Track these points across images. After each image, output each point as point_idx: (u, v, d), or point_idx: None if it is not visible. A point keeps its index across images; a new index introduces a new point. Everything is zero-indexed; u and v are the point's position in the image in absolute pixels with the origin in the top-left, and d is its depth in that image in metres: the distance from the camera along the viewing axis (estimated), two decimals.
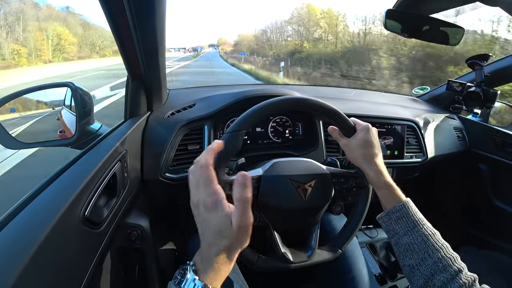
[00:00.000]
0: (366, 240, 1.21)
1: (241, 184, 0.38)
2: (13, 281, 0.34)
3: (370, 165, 0.57)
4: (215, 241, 0.38)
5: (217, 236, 0.38)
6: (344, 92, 1.49)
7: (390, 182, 0.56)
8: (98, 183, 0.56)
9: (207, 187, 0.39)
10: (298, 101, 0.58)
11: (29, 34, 39.83)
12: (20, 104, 0.83)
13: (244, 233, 0.38)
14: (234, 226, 0.37)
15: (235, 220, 0.37)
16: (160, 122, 0.90)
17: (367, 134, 0.58)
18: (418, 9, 0.72)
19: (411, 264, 0.49)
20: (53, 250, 0.42)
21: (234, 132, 0.51)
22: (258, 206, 0.57)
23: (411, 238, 0.50)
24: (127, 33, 0.65)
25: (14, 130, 0.81)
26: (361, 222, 0.63)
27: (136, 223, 0.76)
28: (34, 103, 0.91)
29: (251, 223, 0.38)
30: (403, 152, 1.14)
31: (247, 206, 0.38)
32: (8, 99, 0.74)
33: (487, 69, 1.16)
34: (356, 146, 0.58)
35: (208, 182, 0.39)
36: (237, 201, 0.38)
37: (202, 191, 0.39)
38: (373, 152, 0.57)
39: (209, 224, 0.38)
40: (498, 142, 1.22)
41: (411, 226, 0.51)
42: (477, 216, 1.38)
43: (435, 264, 0.46)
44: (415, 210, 0.53)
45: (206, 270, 0.37)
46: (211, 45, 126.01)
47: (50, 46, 42.06)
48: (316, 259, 0.60)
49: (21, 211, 0.44)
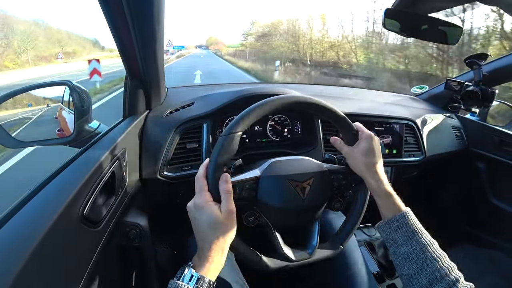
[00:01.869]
0: (364, 239, 1.22)
1: (224, 181, 0.50)
2: (12, 280, 0.34)
3: (371, 173, 0.57)
4: (207, 236, 0.47)
5: (209, 229, 0.47)
6: (343, 91, 1.50)
7: (390, 191, 0.56)
8: (97, 182, 0.56)
9: (199, 194, 0.49)
10: (300, 101, 0.57)
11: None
12: (16, 103, 0.82)
13: (231, 218, 0.48)
14: (222, 212, 0.47)
15: (223, 208, 0.48)
16: (159, 120, 0.90)
17: (370, 144, 0.58)
18: (417, 8, 0.72)
19: (409, 273, 0.49)
20: (52, 249, 0.42)
21: (229, 135, 0.51)
22: (257, 207, 0.57)
23: (410, 247, 0.50)
24: (125, 32, 0.65)
25: (13, 129, 0.80)
26: (361, 217, 0.64)
27: (135, 222, 0.76)
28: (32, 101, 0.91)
29: (234, 210, 0.49)
30: (401, 151, 1.14)
31: (230, 196, 0.49)
32: (6, 97, 0.74)
33: (485, 68, 1.16)
34: (358, 154, 0.59)
35: (200, 190, 0.50)
36: (222, 193, 0.49)
37: (196, 196, 0.50)
38: (375, 161, 0.58)
39: (201, 220, 0.47)
40: (496, 141, 1.23)
41: (410, 235, 0.51)
42: (475, 215, 1.38)
43: (433, 273, 0.47)
44: (414, 220, 0.53)
45: (202, 264, 0.45)
46: (199, 46, 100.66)
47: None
48: (317, 256, 0.61)
49: (20, 209, 0.44)
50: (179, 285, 0.42)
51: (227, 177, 0.50)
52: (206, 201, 0.48)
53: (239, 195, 0.54)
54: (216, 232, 0.47)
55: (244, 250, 0.55)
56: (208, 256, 0.46)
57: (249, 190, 0.56)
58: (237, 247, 0.54)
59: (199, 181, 0.50)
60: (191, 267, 0.45)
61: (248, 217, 0.57)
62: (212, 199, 0.49)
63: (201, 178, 0.50)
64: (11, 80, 14.99)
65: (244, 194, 0.55)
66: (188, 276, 0.44)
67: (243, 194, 0.55)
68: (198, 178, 0.51)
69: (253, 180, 0.56)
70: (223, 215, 0.47)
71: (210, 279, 0.45)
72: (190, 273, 0.44)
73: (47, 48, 10.20)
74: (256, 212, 0.58)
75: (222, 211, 0.47)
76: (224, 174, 0.50)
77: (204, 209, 0.47)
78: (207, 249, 0.46)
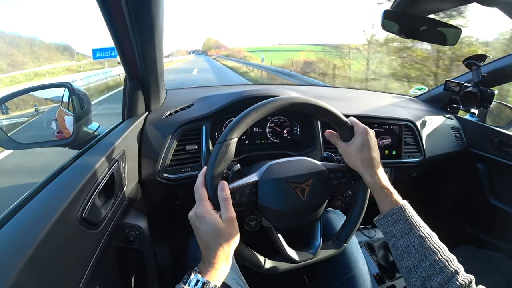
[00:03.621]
0: (364, 240, 1.21)
1: (221, 188, 0.50)
2: (11, 282, 0.34)
3: (367, 169, 0.57)
4: (211, 245, 0.47)
5: (212, 237, 0.47)
6: (342, 92, 1.50)
7: (387, 185, 0.56)
8: (96, 184, 0.56)
9: (200, 203, 0.50)
10: (296, 102, 0.57)
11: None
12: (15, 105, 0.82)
13: (232, 225, 0.49)
14: (223, 220, 0.48)
15: (223, 216, 0.48)
16: (158, 122, 0.90)
17: (365, 137, 0.58)
18: (415, 10, 0.73)
19: (408, 266, 0.49)
20: (51, 251, 0.42)
21: (225, 142, 0.51)
22: (258, 211, 0.57)
23: (408, 240, 0.50)
24: (125, 34, 0.65)
25: (12, 130, 0.80)
26: (362, 214, 0.63)
27: (134, 224, 0.76)
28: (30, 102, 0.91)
29: (235, 217, 0.49)
30: (401, 152, 1.14)
31: (228, 203, 0.49)
32: (6, 99, 0.74)
33: (484, 69, 1.17)
34: (354, 150, 0.58)
35: (200, 199, 0.50)
36: (221, 201, 0.49)
37: (196, 206, 0.50)
38: (371, 156, 0.57)
39: (203, 230, 0.48)
40: (495, 142, 1.23)
41: (408, 228, 0.51)
42: (474, 216, 1.38)
43: (432, 266, 0.47)
44: (412, 213, 0.53)
45: (208, 270, 0.46)
46: (194, 52, 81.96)
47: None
48: (321, 256, 0.60)
49: (19, 211, 0.44)
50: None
51: (224, 184, 0.51)
52: (207, 210, 0.48)
53: (238, 201, 0.54)
54: (219, 240, 0.47)
55: (248, 254, 0.55)
56: (213, 263, 0.46)
57: (248, 195, 0.55)
58: (241, 252, 0.54)
59: (199, 191, 0.50)
60: (197, 272, 0.46)
61: (249, 222, 0.57)
62: (212, 207, 0.49)
63: (200, 187, 0.51)
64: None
65: (244, 200, 0.55)
66: (194, 280, 0.44)
67: (243, 199, 0.55)
68: (197, 187, 0.51)
69: (251, 185, 0.55)
70: (224, 223, 0.48)
71: (215, 284, 0.45)
72: (196, 278, 0.45)
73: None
74: (257, 216, 0.57)
75: (223, 218, 0.48)
76: (221, 182, 0.50)
77: (205, 218, 0.48)
78: (211, 257, 0.47)
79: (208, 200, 0.50)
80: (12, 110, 0.82)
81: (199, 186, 0.51)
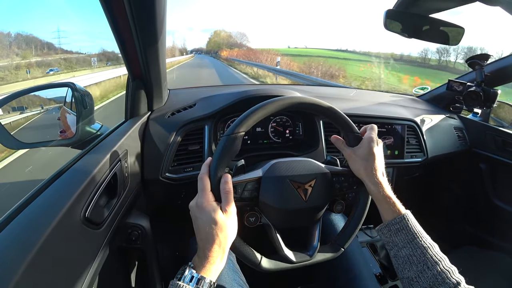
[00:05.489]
0: (367, 240, 1.21)
1: (224, 182, 0.50)
2: (15, 281, 0.34)
3: (371, 177, 0.57)
4: (208, 236, 0.46)
5: (210, 229, 0.46)
6: (345, 92, 1.49)
7: (390, 194, 0.56)
8: (99, 183, 0.56)
9: (202, 193, 0.49)
10: (305, 102, 0.57)
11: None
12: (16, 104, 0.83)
13: (232, 218, 0.49)
14: (223, 212, 0.48)
15: (224, 208, 0.48)
16: (161, 122, 0.90)
17: (372, 147, 0.58)
18: (418, 9, 0.72)
19: (410, 276, 0.49)
20: (54, 250, 0.42)
21: (232, 135, 0.51)
22: (259, 207, 0.57)
23: (410, 250, 0.50)
24: (127, 33, 0.65)
25: (15, 129, 0.81)
26: (362, 220, 0.63)
27: (137, 223, 0.76)
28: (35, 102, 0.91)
29: (235, 211, 0.50)
30: (403, 152, 1.14)
31: (230, 196, 0.49)
32: (9, 99, 0.74)
33: (487, 69, 1.16)
34: (358, 158, 0.58)
35: (202, 189, 0.50)
36: (223, 193, 0.49)
37: (198, 196, 0.49)
38: (376, 165, 0.57)
39: (202, 220, 0.47)
40: (499, 141, 1.22)
41: (411, 238, 0.51)
42: (477, 216, 1.38)
43: (434, 276, 0.47)
44: (414, 223, 0.53)
45: (203, 264, 0.45)
46: (194, 51, 69.56)
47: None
48: (318, 258, 0.60)
49: (22, 211, 0.44)
50: (180, 285, 0.42)
51: (228, 177, 0.50)
52: (208, 201, 0.48)
53: (240, 195, 0.54)
54: (217, 232, 0.47)
55: (244, 250, 0.55)
56: (208, 256, 0.46)
57: (250, 191, 0.56)
58: (237, 248, 0.54)
59: (202, 181, 0.50)
60: (191, 267, 0.45)
61: (249, 218, 0.57)
62: (214, 199, 0.49)
63: (203, 177, 0.50)
64: None
65: (245, 195, 0.55)
66: (188, 276, 0.44)
67: (244, 194, 0.55)
68: (201, 177, 0.51)
69: (254, 180, 0.56)
70: (224, 215, 0.48)
71: (210, 280, 0.45)
72: (191, 273, 0.44)
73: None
74: (257, 212, 0.58)
75: (223, 211, 0.48)
76: (225, 174, 0.50)
77: (205, 209, 0.47)
78: (207, 249, 0.46)
79: (210, 191, 0.49)
80: (19, 109, 0.82)
81: (203, 176, 0.51)
